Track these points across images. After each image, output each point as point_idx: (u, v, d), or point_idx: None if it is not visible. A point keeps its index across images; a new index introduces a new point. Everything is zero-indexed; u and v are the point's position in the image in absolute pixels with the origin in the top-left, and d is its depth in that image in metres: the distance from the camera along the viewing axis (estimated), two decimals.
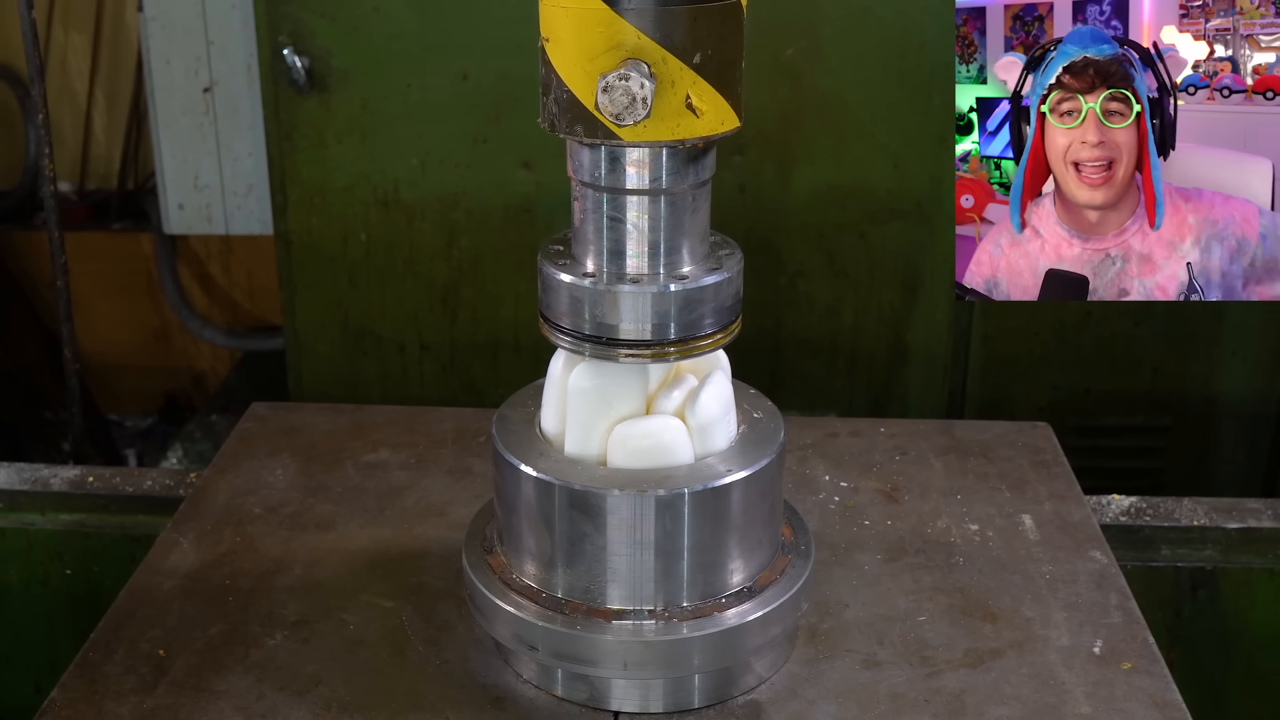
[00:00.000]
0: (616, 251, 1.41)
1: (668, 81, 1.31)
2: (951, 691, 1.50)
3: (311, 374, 2.92)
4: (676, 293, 1.40)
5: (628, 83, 1.28)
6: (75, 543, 2.12)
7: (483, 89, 2.66)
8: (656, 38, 1.30)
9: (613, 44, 1.30)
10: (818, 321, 2.82)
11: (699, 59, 1.31)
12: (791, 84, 2.66)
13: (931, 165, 2.69)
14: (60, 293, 2.51)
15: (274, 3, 2.65)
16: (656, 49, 1.30)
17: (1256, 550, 2.03)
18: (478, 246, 2.75)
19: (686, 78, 1.31)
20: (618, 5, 1.29)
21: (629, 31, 1.29)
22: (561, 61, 1.33)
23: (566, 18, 1.32)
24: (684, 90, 1.31)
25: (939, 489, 1.93)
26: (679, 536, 1.41)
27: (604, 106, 1.29)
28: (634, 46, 1.30)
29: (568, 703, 1.49)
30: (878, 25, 2.65)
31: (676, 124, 1.32)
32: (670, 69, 1.31)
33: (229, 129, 3.40)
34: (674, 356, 1.41)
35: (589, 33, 1.30)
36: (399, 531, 1.83)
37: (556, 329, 1.44)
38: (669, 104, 1.31)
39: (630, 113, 1.29)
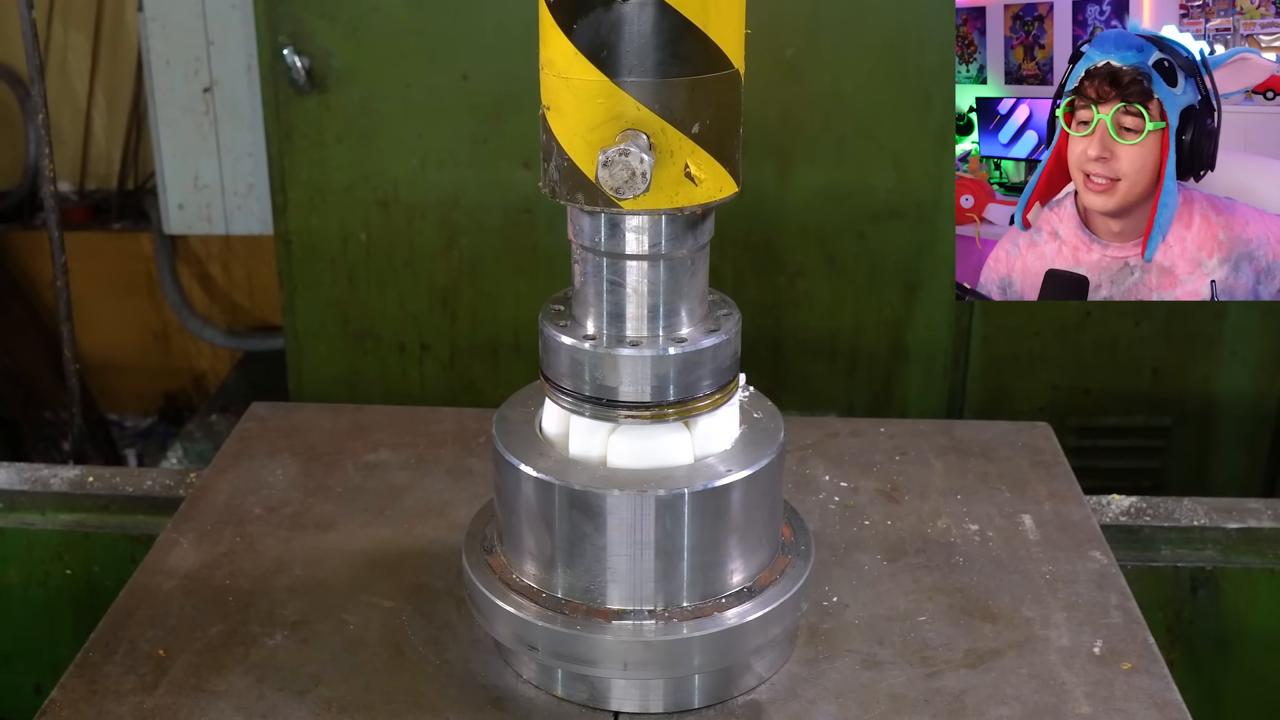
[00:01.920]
0: (616, 314, 1.43)
1: (667, 151, 1.33)
2: (951, 692, 1.50)
3: (311, 374, 2.92)
4: (675, 356, 1.41)
5: (627, 158, 1.29)
6: (75, 543, 2.11)
7: (483, 89, 2.66)
8: (656, 109, 1.31)
9: (612, 115, 1.32)
10: (818, 321, 2.82)
11: (698, 129, 1.33)
12: (791, 84, 2.66)
13: (931, 165, 2.69)
14: (60, 293, 2.51)
15: (274, 3, 2.65)
16: (656, 120, 1.32)
17: (1256, 550, 2.03)
18: (478, 246, 2.75)
19: (685, 147, 1.33)
20: (617, 77, 1.31)
21: (629, 103, 1.31)
22: (562, 130, 1.35)
23: (567, 88, 1.33)
24: (683, 160, 1.33)
25: (939, 489, 1.93)
26: (679, 537, 1.41)
27: (604, 181, 1.30)
28: (634, 118, 1.32)
29: (568, 703, 1.49)
30: (878, 25, 2.65)
31: (675, 193, 1.35)
32: (669, 139, 1.33)
33: (229, 129, 3.40)
34: (673, 417, 1.43)
35: (589, 103, 1.32)
36: (399, 531, 1.83)
37: (557, 389, 1.46)
38: (668, 174, 1.33)
39: (630, 187, 1.30)
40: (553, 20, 1.33)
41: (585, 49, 1.31)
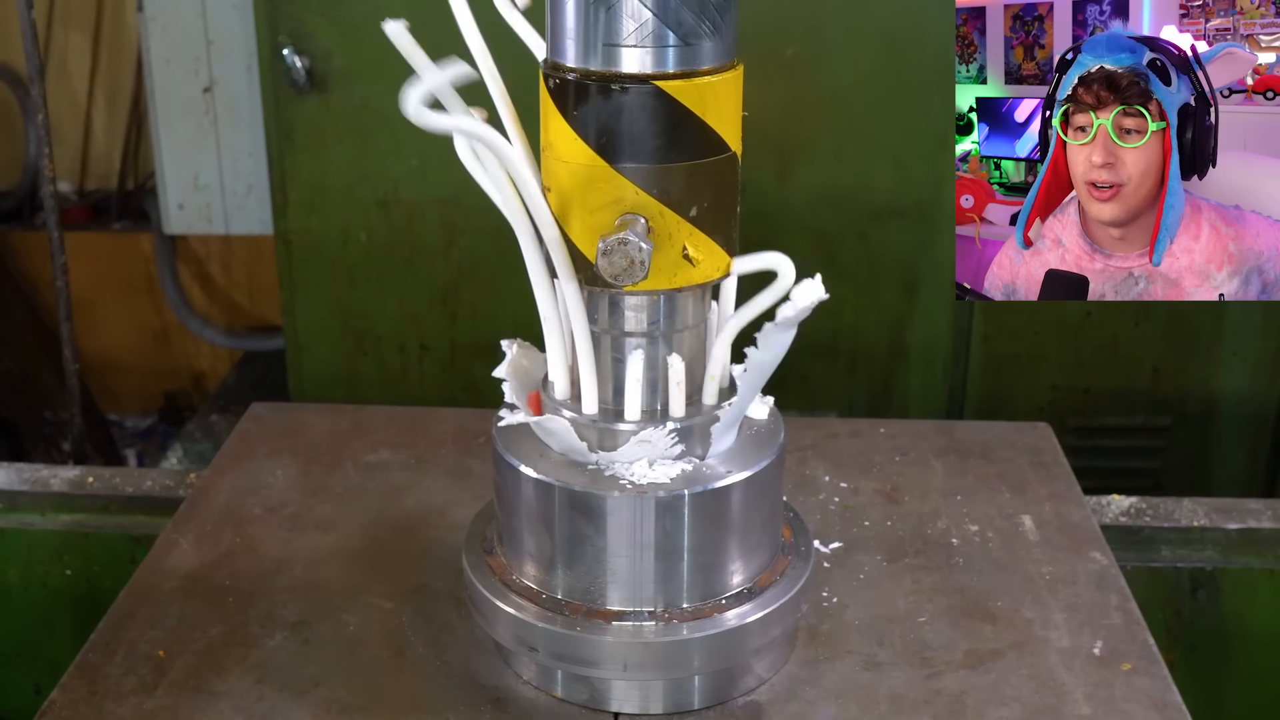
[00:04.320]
0: (618, 390, 1.44)
1: (665, 234, 1.34)
2: (951, 693, 1.50)
3: (311, 374, 2.92)
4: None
5: (626, 247, 1.30)
6: (75, 543, 2.11)
7: (482, 88, 2.65)
8: (654, 193, 1.33)
9: (612, 199, 1.33)
10: (818, 321, 2.81)
11: (695, 211, 1.34)
12: (791, 84, 2.66)
13: (931, 165, 2.69)
14: (60, 293, 2.51)
15: (274, 3, 2.65)
16: (654, 204, 1.33)
17: (1256, 551, 2.02)
18: (478, 246, 2.75)
19: (683, 230, 1.34)
20: (617, 163, 1.32)
21: (628, 188, 1.33)
22: (562, 212, 1.36)
23: (567, 172, 1.35)
24: (681, 242, 1.35)
25: (939, 490, 1.93)
26: (679, 538, 1.41)
27: (603, 269, 1.31)
28: (633, 202, 1.33)
29: (568, 704, 1.49)
30: (878, 25, 2.65)
31: (674, 274, 1.36)
32: (667, 222, 1.34)
33: (229, 129, 3.40)
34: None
35: (589, 188, 1.34)
36: (399, 532, 1.83)
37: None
38: (666, 256, 1.35)
39: (628, 275, 1.31)
40: (554, 106, 1.35)
41: (585, 135, 1.33)
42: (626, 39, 1.30)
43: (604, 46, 1.31)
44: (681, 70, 1.31)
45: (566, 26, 1.33)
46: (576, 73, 1.33)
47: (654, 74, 1.31)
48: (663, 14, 1.29)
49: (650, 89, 1.31)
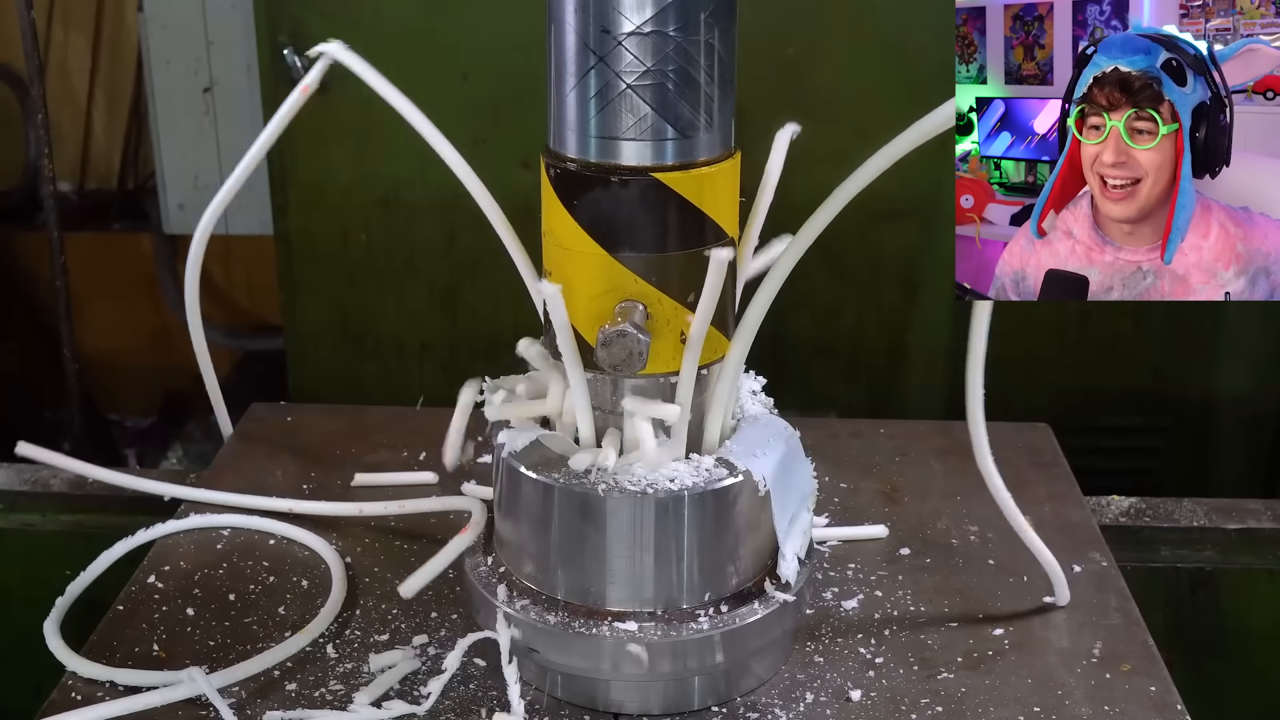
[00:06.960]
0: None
1: (663, 320, 1.36)
2: (951, 693, 1.50)
3: (311, 374, 2.92)
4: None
5: (625, 339, 1.32)
6: (75, 543, 2.11)
7: (483, 89, 2.66)
8: (653, 281, 1.35)
9: (611, 286, 1.35)
10: (818, 321, 2.82)
11: (693, 297, 1.36)
12: (791, 84, 2.66)
13: (931, 165, 2.67)
14: (60, 293, 2.51)
15: (274, 3, 2.65)
16: (653, 291, 1.35)
17: (1256, 551, 2.02)
18: (478, 246, 2.75)
19: (681, 316, 1.36)
20: (616, 251, 1.34)
21: (627, 276, 1.35)
22: (562, 297, 1.37)
23: (567, 258, 1.37)
24: (679, 328, 1.37)
25: (939, 490, 1.93)
26: (678, 539, 1.42)
27: (602, 360, 1.34)
28: (632, 290, 1.35)
29: (567, 704, 1.48)
30: (878, 25, 2.65)
31: (672, 358, 1.38)
32: (665, 309, 1.36)
33: (229, 129, 3.40)
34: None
35: (588, 275, 1.36)
36: (399, 532, 1.83)
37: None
38: (665, 341, 1.37)
39: (627, 366, 1.33)
40: (554, 194, 1.37)
41: (585, 224, 1.35)
42: (625, 132, 1.32)
43: (604, 139, 1.33)
44: (679, 162, 1.34)
45: (567, 119, 1.35)
46: (576, 163, 1.35)
47: (652, 166, 1.33)
48: (661, 109, 1.31)
49: (649, 180, 1.33)
